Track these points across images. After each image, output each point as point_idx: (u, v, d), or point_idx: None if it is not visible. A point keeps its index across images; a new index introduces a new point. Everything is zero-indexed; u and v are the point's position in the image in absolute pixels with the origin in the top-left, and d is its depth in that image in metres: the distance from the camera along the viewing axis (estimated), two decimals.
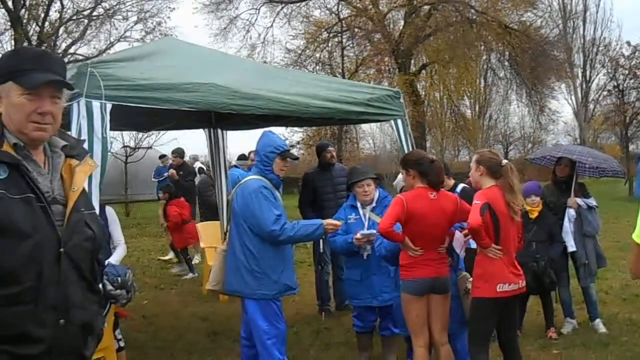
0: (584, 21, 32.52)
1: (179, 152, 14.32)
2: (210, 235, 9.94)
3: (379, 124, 26.43)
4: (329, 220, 5.58)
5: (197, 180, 13.64)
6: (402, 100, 7.35)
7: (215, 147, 9.10)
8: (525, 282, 5.12)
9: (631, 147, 32.71)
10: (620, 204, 21.61)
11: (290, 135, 26.05)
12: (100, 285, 2.81)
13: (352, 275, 6.10)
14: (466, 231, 5.07)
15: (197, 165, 24.30)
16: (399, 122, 7.13)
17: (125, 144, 24.27)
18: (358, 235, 5.71)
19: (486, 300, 4.86)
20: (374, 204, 6.05)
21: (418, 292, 5.05)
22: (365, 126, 30.63)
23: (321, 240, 7.64)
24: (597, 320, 7.33)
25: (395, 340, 6.25)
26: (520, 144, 48.07)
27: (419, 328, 5.11)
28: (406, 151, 6.95)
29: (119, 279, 4.94)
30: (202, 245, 10.18)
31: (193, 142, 48.63)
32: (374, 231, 5.59)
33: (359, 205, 6.08)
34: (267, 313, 5.31)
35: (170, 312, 8.82)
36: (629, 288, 9.57)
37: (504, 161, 5.02)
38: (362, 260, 5.94)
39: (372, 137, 42.29)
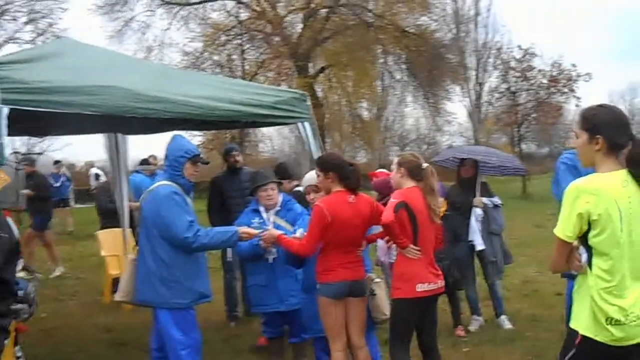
0: (476, 25, 33.43)
1: (29, 160, 13.22)
2: (110, 244, 9.61)
3: (277, 127, 26.42)
4: (244, 228, 5.46)
5: (93, 185, 13.15)
6: (308, 103, 7.31)
7: (115, 152, 8.79)
8: None
9: (523, 146, 34.03)
10: (515, 202, 22.36)
11: (190, 139, 25.61)
12: None
13: (258, 281, 6.01)
14: (387, 237, 5.07)
15: (94, 171, 23.60)
16: (307, 124, 7.08)
17: (15, 150, 23.25)
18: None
19: (406, 301, 4.85)
20: (278, 208, 6.00)
21: (336, 295, 5.00)
22: (264, 130, 30.47)
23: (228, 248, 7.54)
24: (503, 317, 7.52)
25: (305, 346, 6.21)
26: (415, 145, 49.12)
27: (337, 332, 5.06)
28: (315, 154, 6.91)
29: (21, 292, 4.67)
30: (102, 253, 9.82)
31: (89, 147, 47.26)
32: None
33: (261, 209, 6.00)
34: (181, 323, 5.15)
35: (71, 324, 8.45)
36: (529, 284, 9.90)
37: (425, 164, 5.05)
38: (268, 265, 5.88)
39: (271, 140, 42.39)
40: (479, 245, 7.26)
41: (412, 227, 4.83)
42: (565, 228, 3.14)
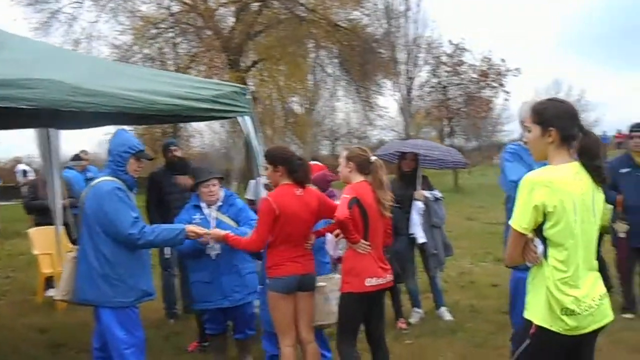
0: (407, 20, 33.73)
1: None
2: (43, 242, 9.30)
3: (208, 122, 26.17)
4: (192, 227, 5.36)
5: (20, 182, 12.73)
6: (249, 97, 7.23)
7: (47, 147, 8.51)
8: None
9: (455, 140, 34.60)
10: (447, 195, 22.61)
11: None
12: None
13: (201, 277, 5.90)
14: (337, 231, 5.05)
15: (21, 167, 22.90)
16: (247, 118, 7.00)
17: None
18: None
19: (355, 295, 4.85)
20: (219, 203, 5.93)
21: (286, 290, 4.96)
22: (195, 124, 30.12)
23: None
24: (443, 309, 7.62)
25: (250, 343, 6.15)
26: (346, 139, 49.33)
27: (287, 327, 5.04)
28: (256, 148, 6.85)
29: None
30: (34, 252, 9.52)
31: (19, 142, 45.84)
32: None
33: (203, 205, 5.91)
34: (125, 321, 5.04)
35: (3, 324, 8.17)
36: (465, 276, 10.07)
37: (373, 157, 5.05)
38: (211, 261, 5.80)
39: (201, 135, 41.92)
40: (420, 238, 7.33)
41: (363, 222, 4.83)
42: (521, 220, 3.17)
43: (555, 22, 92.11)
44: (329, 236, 5.35)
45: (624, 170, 7.21)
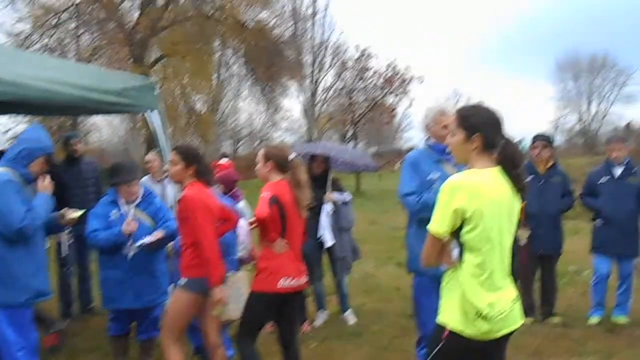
0: (313, 24, 33.88)
1: None
2: None
3: (107, 116, 25.47)
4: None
5: None
6: (157, 92, 7.05)
7: None
8: None
9: (358, 146, 35.01)
10: None
11: (14, 126, 23.99)
12: None
13: (113, 276, 5.62)
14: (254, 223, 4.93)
15: None
16: (155, 113, 6.81)
17: None
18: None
19: (265, 295, 4.73)
20: (138, 200, 5.70)
21: (199, 291, 4.79)
22: (93, 119, 29.30)
23: (62, 243, 7.16)
24: (349, 311, 7.60)
25: (153, 344, 5.96)
26: (249, 140, 49.25)
27: (185, 327, 4.90)
28: (163, 144, 6.67)
29: None
30: None
31: None
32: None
33: (121, 201, 5.67)
34: (16, 322, 4.77)
35: None
36: (369, 279, 10.10)
37: (291, 155, 4.95)
38: (125, 260, 5.55)
39: (99, 131, 40.94)
40: (328, 241, 7.28)
41: (281, 221, 4.73)
42: (440, 224, 3.15)
43: (461, 33, 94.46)
44: (242, 222, 5.23)
45: (527, 179, 7.39)
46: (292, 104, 74.48)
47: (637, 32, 67.98)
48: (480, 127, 3.23)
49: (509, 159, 3.22)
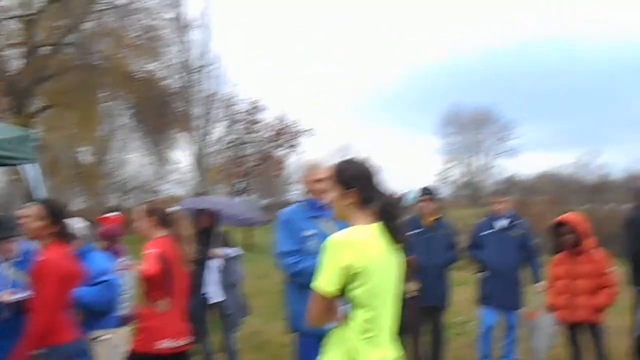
0: (203, 76, 33.75)
1: None
2: None
3: None
4: None
5: None
6: (34, 143, 6.76)
7: None
8: None
9: (249, 198, 34.84)
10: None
11: None
12: None
13: None
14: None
15: None
16: (30, 167, 6.52)
17: None
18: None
19: (145, 355, 4.49)
20: (18, 259, 5.32)
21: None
22: None
23: None
24: None
25: None
26: (138, 192, 48.16)
27: None
28: (40, 197, 6.35)
29: None
30: None
31: None
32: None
33: None
34: None
35: None
36: (259, 335, 9.92)
37: (174, 209, 4.79)
38: None
39: None
40: (214, 297, 7.10)
41: (166, 279, 4.53)
42: (326, 282, 3.07)
43: (351, 87, 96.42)
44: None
45: (414, 232, 7.48)
46: (182, 156, 73.74)
47: (518, 89, 71.46)
48: (354, 182, 3.21)
49: (387, 214, 3.19)
